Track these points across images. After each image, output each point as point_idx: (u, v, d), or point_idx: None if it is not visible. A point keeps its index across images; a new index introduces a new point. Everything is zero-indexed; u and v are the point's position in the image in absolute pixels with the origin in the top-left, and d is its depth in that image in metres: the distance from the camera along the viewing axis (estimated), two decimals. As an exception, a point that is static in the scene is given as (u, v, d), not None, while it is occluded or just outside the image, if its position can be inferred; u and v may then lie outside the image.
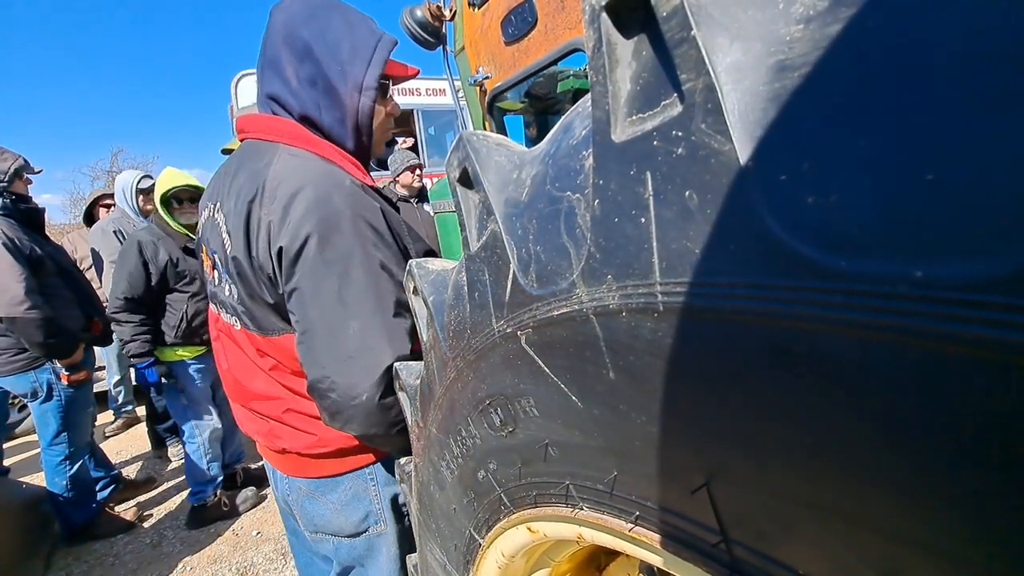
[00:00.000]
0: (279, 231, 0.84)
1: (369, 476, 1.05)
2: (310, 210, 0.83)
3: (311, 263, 0.82)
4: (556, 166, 0.45)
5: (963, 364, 0.21)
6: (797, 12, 0.26)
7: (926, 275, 0.21)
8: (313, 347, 0.85)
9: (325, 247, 0.82)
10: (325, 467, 1.04)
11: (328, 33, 0.89)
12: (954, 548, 0.24)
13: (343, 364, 0.84)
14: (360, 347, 0.83)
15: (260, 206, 0.87)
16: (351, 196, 0.86)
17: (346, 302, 0.83)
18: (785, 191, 0.26)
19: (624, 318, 0.37)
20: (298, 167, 0.88)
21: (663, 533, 0.41)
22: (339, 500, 1.05)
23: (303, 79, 0.91)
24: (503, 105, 1.97)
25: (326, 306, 0.83)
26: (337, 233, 0.83)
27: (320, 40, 0.89)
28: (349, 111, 0.92)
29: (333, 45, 0.89)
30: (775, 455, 0.30)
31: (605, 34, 0.34)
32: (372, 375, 0.83)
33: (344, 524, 1.06)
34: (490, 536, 0.69)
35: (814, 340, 0.26)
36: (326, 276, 0.83)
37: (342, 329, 0.83)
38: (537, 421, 0.51)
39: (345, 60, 0.89)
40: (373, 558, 1.09)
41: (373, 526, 1.06)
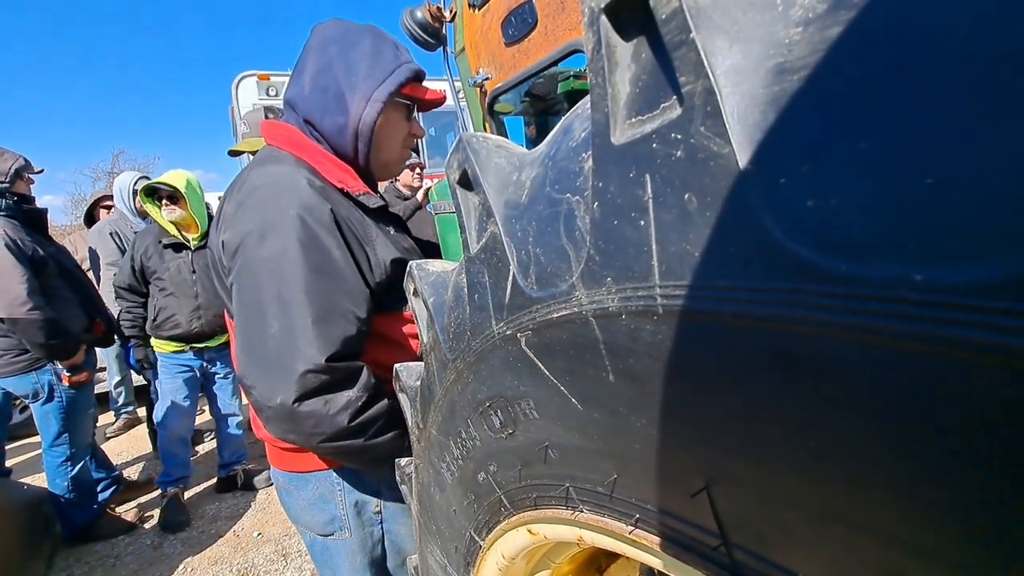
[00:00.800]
0: (228, 225, 0.88)
1: (336, 480, 1.04)
2: (256, 208, 0.86)
3: (246, 258, 0.84)
4: (556, 168, 0.45)
5: (963, 368, 0.21)
6: (796, 15, 0.26)
7: (926, 279, 0.21)
8: (239, 343, 0.86)
9: (262, 244, 0.83)
10: (296, 462, 1.04)
11: (353, 51, 0.94)
12: (953, 552, 0.24)
13: (262, 365, 0.82)
14: (278, 349, 0.81)
15: (227, 201, 0.92)
16: (302, 197, 0.86)
17: (272, 302, 0.82)
18: (784, 194, 0.26)
19: (624, 321, 0.37)
20: (269, 168, 0.91)
21: (663, 536, 0.41)
22: (307, 499, 1.06)
23: (316, 86, 0.95)
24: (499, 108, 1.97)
25: (253, 303, 0.83)
26: (276, 232, 0.83)
27: (343, 55, 0.94)
28: (352, 118, 0.94)
29: (354, 60, 0.94)
30: (775, 458, 0.30)
31: (604, 36, 0.34)
32: (287, 379, 0.80)
33: (311, 522, 1.07)
34: (490, 538, 0.69)
35: (813, 343, 0.26)
36: (258, 273, 0.83)
37: (264, 329, 0.82)
38: (537, 423, 0.51)
39: (361, 75, 0.93)
40: (336, 563, 1.09)
41: (337, 532, 1.06)
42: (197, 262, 2.81)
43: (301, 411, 0.81)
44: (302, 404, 0.81)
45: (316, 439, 0.84)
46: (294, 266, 0.82)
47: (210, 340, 2.90)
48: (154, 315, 2.80)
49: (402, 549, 1.12)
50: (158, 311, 2.78)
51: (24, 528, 2.48)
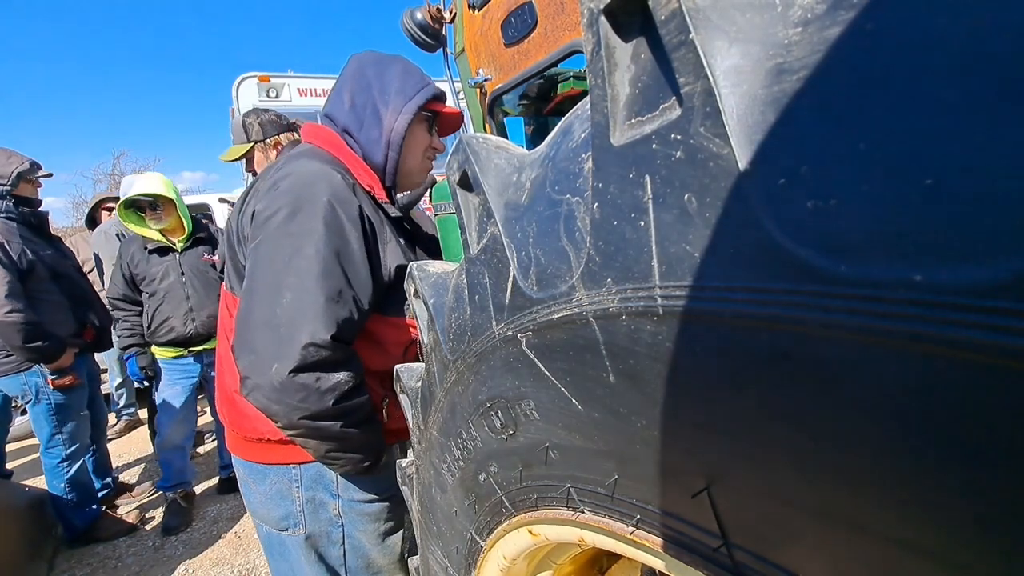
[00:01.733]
0: (262, 197, 0.95)
1: (294, 475, 1.07)
2: (291, 188, 0.93)
3: (274, 228, 0.90)
4: (556, 169, 0.45)
5: (963, 369, 0.21)
6: (795, 15, 0.26)
7: (925, 279, 0.21)
8: (248, 305, 0.90)
9: (292, 220, 0.90)
10: (255, 452, 1.08)
11: (386, 74, 1.09)
12: (955, 553, 0.23)
13: (266, 329, 0.86)
14: (286, 319, 0.85)
15: (262, 179, 1.00)
16: (335, 188, 0.93)
17: (289, 271, 0.87)
18: (784, 195, 0.26)
19: (624, 321, 0.37)
20: (304, 161, 0.98)
21: (664, 537, 0.41)
22: (265, 492, 1.09)
23: (355, 104, 1.08)
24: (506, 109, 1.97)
25: (271, 270, 0.89)
26: (305, 212, 0.90)
27: (379, 78, 1.08)
28: (385, 129, 1.06)
29: (388, 81, 1.08)
30: (775, 459, 0.30)
31: (604, 38, 0.34)
32: (290, 349, 0.84)
33: (267, 515, 1.10)
34: (492, 539, 0.69)
35: (813, 344, 0.26)
36: (283, 243, 0.89)
37: (276, 298, 0.86)
38: (538, 424, 0.51)
39: (393, 91, 1.07)
40: (291, 557, 1.12)
41: (292, 527, 1.09)
42: (185, 264, 2.80)
43: (295, 382, 0.84)
44: (297, 375, 0.84)
45: (298, 414, 0.86)
46: (317, 245, 0.88)
47: (208, 343, 2.87)
48: (149, 322, 2.79)
49: (366, 554, 1.12)
50: (152, 317, 2.78)
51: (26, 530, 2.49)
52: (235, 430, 1.09)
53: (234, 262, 1.05)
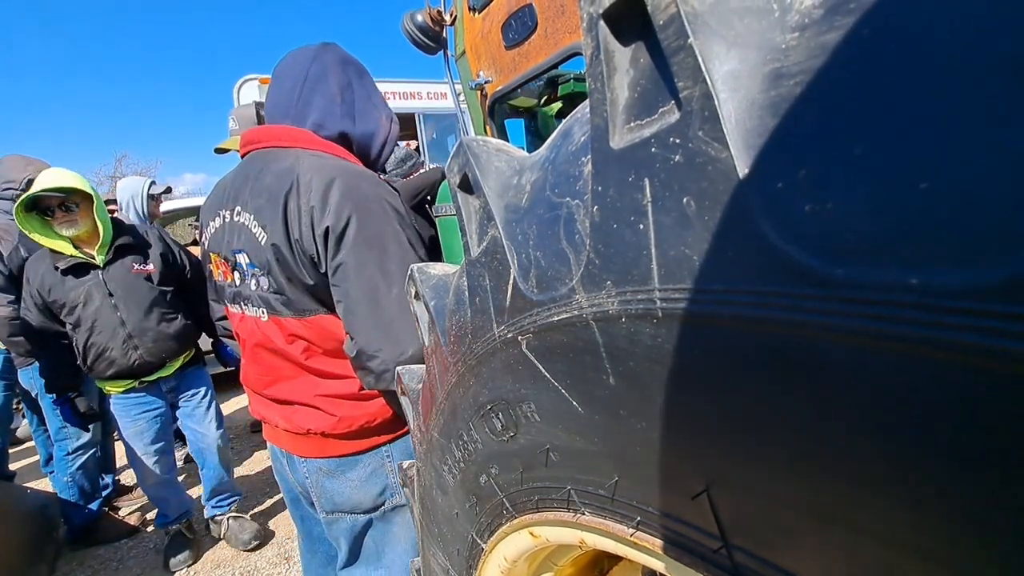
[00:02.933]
0: (322, 215, 0.96)
1: (386, 454, 1.16)
2: (346, 196, 0.97)
3: (353, 239, 0.96)
4: (555, 172, 0.45)
5: (960, 372, 0.21)
6: (793, 20, 0.26)
7: (922, 282, 0.21)
8: (359, 315, 0.97)
9: (364, 226, 0.97)
10: (346, 446, 1.14)
11: (365, 79, 1.16)
12: (953, 555, 0.24)
13: (388, 326, 0.95)
14: (401, 309, 0.94)
15: (297, 196, 0.99)
16: (376, 185, 1.01)
17: (386, 272, 0.96)
18: (782, 198, 0.26)
19: (623, 324, 0.37)
20: (325, 164, 1.02)
21: (664, 538, 0.41)
22: (358, 477, 1.15)
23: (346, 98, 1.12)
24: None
25: (369, 277, 0.96)
26: (371, 215, 0.98)
27: (360, 79, 1.14)
28: (382, 130, 1.15)
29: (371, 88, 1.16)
30: (774, 461, 0.30)
31: (603, 42, 0.34)
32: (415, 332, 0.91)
33: (363, 499, 1.16)
34: (492, 540, 0.69)
35: (811, 347, 0.26)
36: (368, 251, 0.97)
37: (385, 296, 0.96)
38: (538, 426, 0.51)
39: (381, 101, 1.16)
40: (386, 529, 1.18)
41: (389, 499, 1.16)
42: (112, 281, 2.18)
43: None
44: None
45: None
46: (394, 241, 0.98)
47: (162, 370, 2.35)
48: (82, 357, 2.20)
49: None
50: (84, 351, 2.18)
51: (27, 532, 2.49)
52: (321, 432, 1.12)
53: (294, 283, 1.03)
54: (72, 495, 2.71)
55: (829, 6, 0.25)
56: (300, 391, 1.12)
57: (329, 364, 1.10)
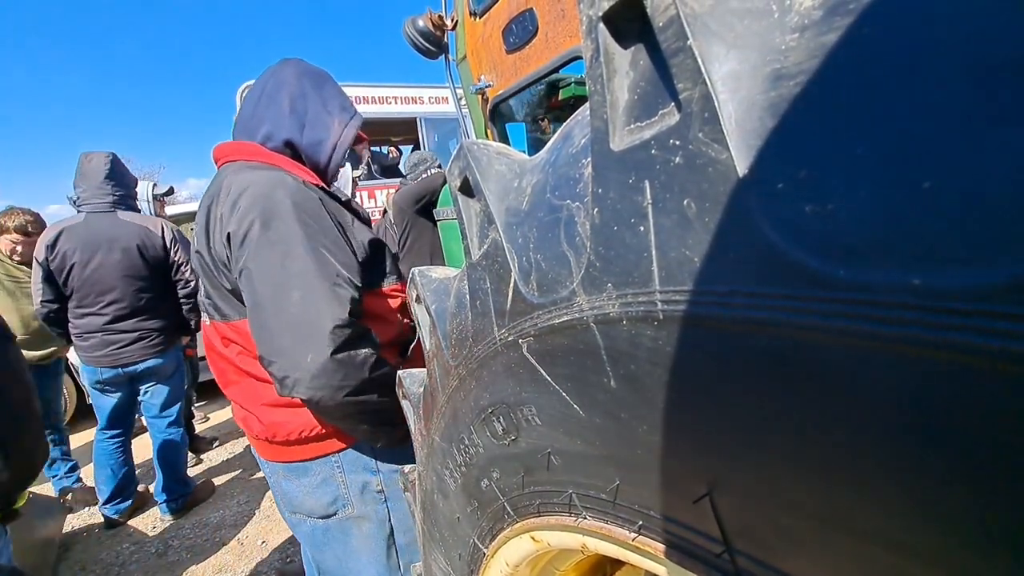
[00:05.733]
0: (228, 220, 0.99)
1: (335, 463, 1.13)
2: (254, 201, 0.98)
3: (256, 243, 0.96)
4: (556, 175, 0.45)
5: (962, 373, 0.21)
6: (792, 21, 0.26)
7: (924, 284, 0.21)
8: (261, 319, 0.96)
9: (268, 229, 0.96)
10: (294, 453, 1.13)
11: (325, 88, 1.18)
12: (957, 558, 0.23)
13: (288, 330, 0.93)
14: (303, 314, 0.92)
15: (217, 205, 1.03)
16: (292, 190, 1.00)
17: (288, 274, 0.94)
18: (782, 199, 0.26)
19: (624, 326, 0.37)
20: (249, 173, 1.04)
21: (666, 543, 0.41)
22: (310, 483, 1.14)
23: (297, 109, 1.14)
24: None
25: (270, 279, 0.95)
26: (278, 218, 0.96)
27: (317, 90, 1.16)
28: (333, 135, 1.15)
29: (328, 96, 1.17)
30: (776, 464, 0.30)
31: (602, 44, 0.34)
32: (319, 337, 0.91)
33: (315, 506, 1.15)
34: (494, 545, 0.69)
35: (813, 349, 0.26)
36: (270, 253, 0.95)
37: (286, 299, 0.93)
38: (539, 430, 0.51)
39: (338, 108, 1.17)
40: (344, 540, 1.17)
41: (341, 509, 1.15)
42: None
43: (334, 362, 0.91)
44: (335, 357, 0.91)
45: (342, 392, 0.93)
46: (300, 245, 0.95)
47: None
48: None
49: (410, 527, 1.18)
50: None
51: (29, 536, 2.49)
52: (268, 439, 1.14)
53: (218, 289, 1.09)
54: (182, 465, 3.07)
55: (829, 7, 0.25)
56: (244, 396, 1.15)
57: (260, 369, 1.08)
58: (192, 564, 2.66)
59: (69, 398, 4.28)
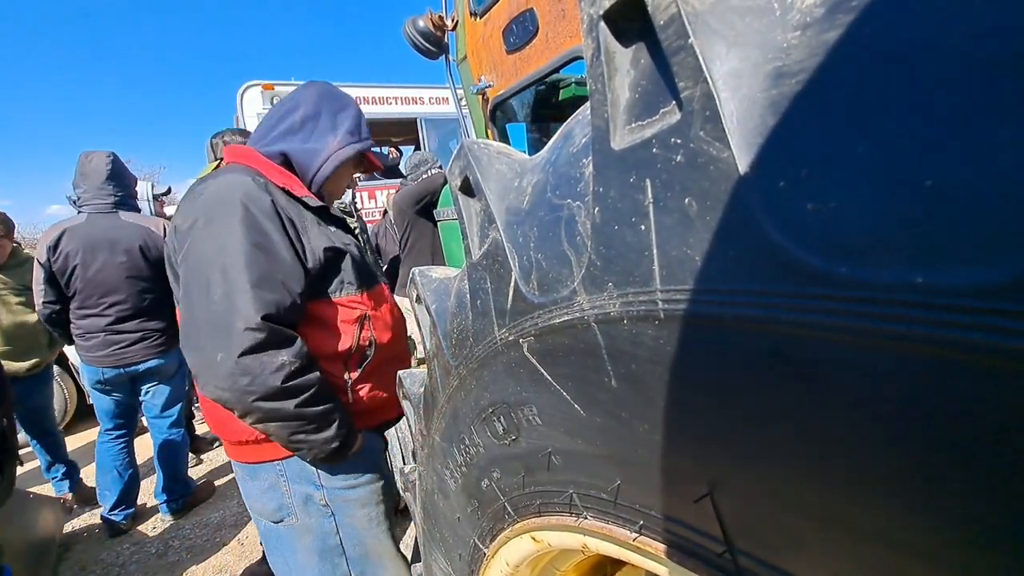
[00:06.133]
0: (180, 214, 1.02)
1: (279, 471, 1.12)
2: (208, 197, 1.01)
3: (196, 235, 0.98)
4: (556, 174, 0.45)
5: (964, 371, 0.21)
6: (794, 19, 0.26)
7: (926, 281, 0.21)
8: (186, 307, 0.97)
9: (210, 225, 0.97)
10: (244, 454, 1.14)
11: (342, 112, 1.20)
12: (958, 557, 0.23)
13: (204, 327, 0.93)
14: (220, 311, 0.92)
15: (182, 202, 1.07)
16: (246, 189, 1.00)
17: (215, 271, 0.94)
18: (784, 197, 0.26)
19: (625, 326, 0.36)
20: (221, 175, 1.05)
21: (667, 543, 0.41)
22: (259, 487, 1.15)
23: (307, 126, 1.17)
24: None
25: (200, 272, 0.95)
26: (222, 215, 0.97)
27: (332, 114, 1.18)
28: (328, 149, 1.15)
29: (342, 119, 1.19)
30: (777, 463, 0.30)
31: (603, 43, 0.34)
32: (228, 336, 0.90)
33: (263, 509, 1.16)
34: (494, 545, 0.68)
35: (815, 347, 0.26)
36: (205, 249, 0.96)
37: (208, 295, 0.93)
38: (540, 429, 0.51)
39: (344, 131, 1.17)
40: (291, 548, 1.17)
41: (287, 518, 1.15)
42: None
43: (241, 366, 0.90)
44: (242, 359, 0.90)
45: (250, 397, 0.92)
46: (236, 242, 0.95)
47: None
48: None
49: (362, 541, 1.17)
50: None
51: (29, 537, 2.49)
52: (222, 436, 1.16)
53: (175, 277, 1.11)
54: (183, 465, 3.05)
55: (830, 5, 0.25)
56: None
57: None
58: (192, 564, 2.65)
59: (70, 398, 4.28)
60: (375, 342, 1.11)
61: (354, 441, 1.09)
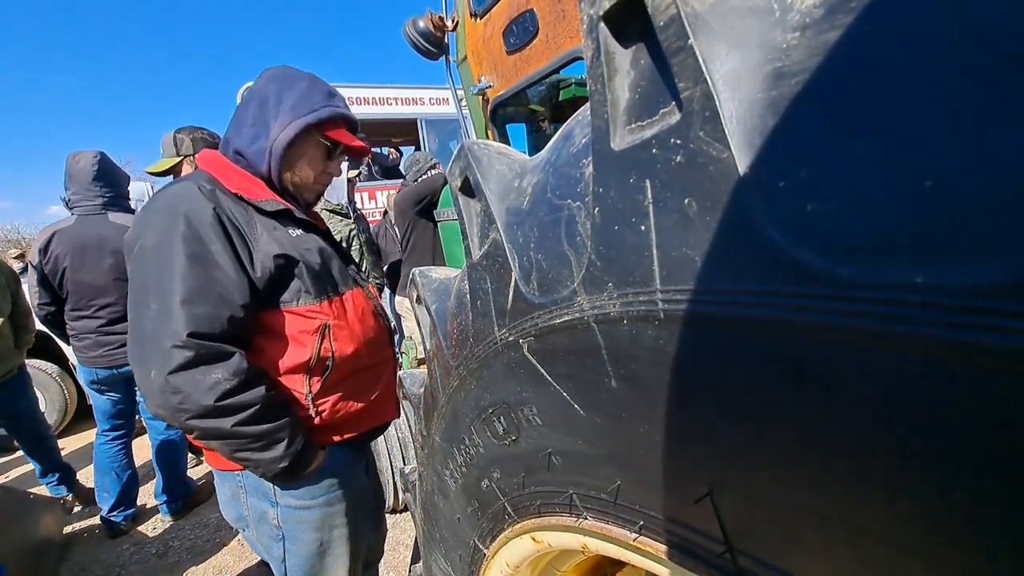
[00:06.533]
0: (131, 228, 1.01)
1: (239, 482, 1.11)
2: (152, 212, 0.99)
3: (137, 252, 0.97)
4: (557, 174, 0.45)
5: (965, 370, 0.21)
6: (793, 20, 0.26)
7: (926, 281, 0.21)
8: (129, 323, 0.97)
9: (150, 239, 0.96)
10: (211, 458, 1.13)
11: (287, 90, 1.08)
12: (959, 557, 0.23)
13: (141, 343, 0.93)
14: (153, 327, 0.91)
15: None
16: (189, 199, 0.98)
17: (152, 286, 0.93)
18: (784, 198, 0.26)
19: (625, 326, 0.36)
20: (173, 184, 1.04)
21: (667, 543, 0.41)
22: (225, 494, 1.16)
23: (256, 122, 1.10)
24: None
25: (139, 289, 0.95)
26: (162, 228, 0.96)
27: (278, 94, 1.08)
28: (270, 140, 1.06)
29: (286, 97, 1.07)
30: (778, 463, 0.30)
31: (603, 43, 0.34)
32: (158, 353, 0.89)
33: (229, 515, 1.17)
34: (494, 546, 0.68)
35: (816, 347, 0.26)
36: (145, 263, 0.95)
37: (145, 311, 0.93)
38: (540, 430, 0.51)
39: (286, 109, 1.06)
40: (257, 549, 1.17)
41: (244, 530, 1.16)
42: None
43: (171, 384, 0.88)
44: (171, 377, 0.88)
45: (183, 416, 0.90)
46: (173, 255, 0.93)
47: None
48: None
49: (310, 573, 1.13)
50: None
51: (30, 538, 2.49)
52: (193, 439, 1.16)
53: None
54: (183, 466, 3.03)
55: (830, 5, 0.25)
56: None
57: None
58: (192, 565, 2.65)
59: (70, 398, 4.27)
60: (335, 354, 1.03)
61: (311, 460, 1.03)
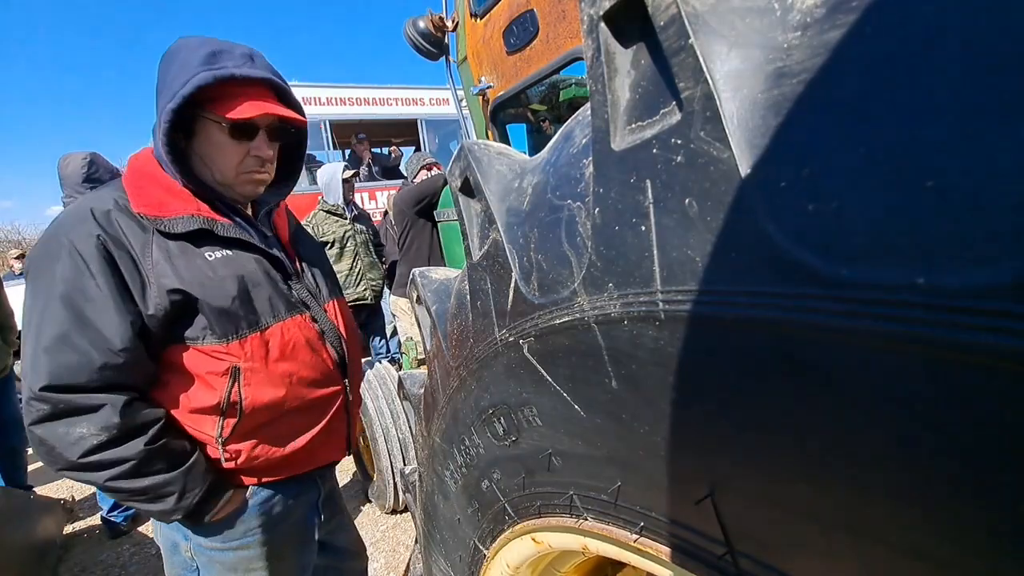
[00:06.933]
0: None
1: None
2: (43, 236, 0.89)
3: (27, 288, 0.87)
4: (557, 175, 0.45)
5: (966, 371, 0.20)
6: (794, 19, 0.26)
7: (928, 283, 0.21)
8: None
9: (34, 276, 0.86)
10: None
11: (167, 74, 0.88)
12: (960, 558, 0.23)
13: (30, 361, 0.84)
14: (24, 373, 0.84)
15: None
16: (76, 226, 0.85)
17: (28, 325, 0.85)
18: (785, 198, 0.26)
19: (626, 326, 0.36)
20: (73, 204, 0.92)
21: (668, 544, 0.41)
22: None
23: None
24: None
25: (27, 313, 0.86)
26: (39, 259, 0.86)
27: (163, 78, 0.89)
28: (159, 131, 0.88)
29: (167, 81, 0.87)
30: (779, 464, 0.30)
31: (604, 43, 0.34)
32: (25, 400, 0.83)
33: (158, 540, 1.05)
34: (495, 546, 0.68)
35: (816, 348, 0.25)
36: (27, 295, 0.86)
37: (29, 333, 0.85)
38: (540, 430, 0.51)
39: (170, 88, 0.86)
40: None
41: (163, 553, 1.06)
42: None
43: (34, 436, 0.83)
44: (33, 429, 0.82)
45: (55, 467, 0.84)
46: (47, 294, 0.83)
47: None
48: None
49: None
50: None
51: (30, 538, 2.49)
52: None
53: None
54: None
55: (831, 5, 0.25)
56: None
57: None
58: (192, 566, 2.66)
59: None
60: (245, 401, 0.89)
61: (214, 506, 0.92)
